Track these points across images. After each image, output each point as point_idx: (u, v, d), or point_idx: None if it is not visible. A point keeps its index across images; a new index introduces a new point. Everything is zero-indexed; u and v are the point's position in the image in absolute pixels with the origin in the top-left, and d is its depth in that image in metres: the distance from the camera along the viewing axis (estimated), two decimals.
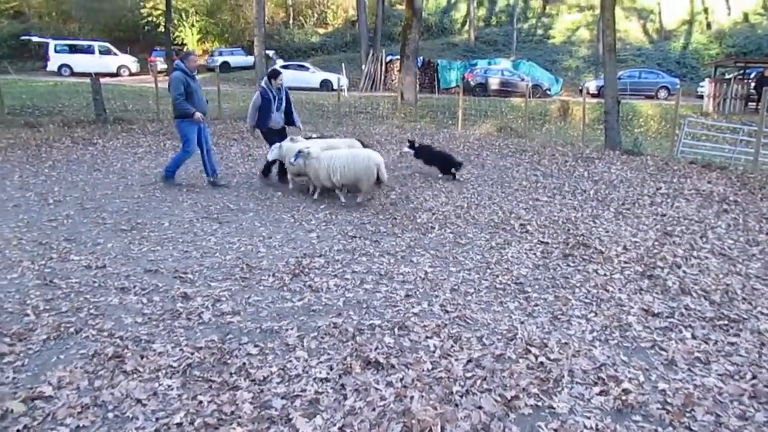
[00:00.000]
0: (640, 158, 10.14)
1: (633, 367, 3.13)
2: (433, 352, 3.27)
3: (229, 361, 3.07)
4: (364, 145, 7.88)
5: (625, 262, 4.89)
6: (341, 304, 3.92)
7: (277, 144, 7.14)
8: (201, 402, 2.68)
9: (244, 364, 3.05)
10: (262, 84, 7.66)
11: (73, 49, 28.13)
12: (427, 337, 3.44)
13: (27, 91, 18.28)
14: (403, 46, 18.08)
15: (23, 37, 30.43)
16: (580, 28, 35.83)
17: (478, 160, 9.95)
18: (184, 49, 31.96)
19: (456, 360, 3.17)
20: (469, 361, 3.17)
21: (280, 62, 26.50)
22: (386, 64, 26.26)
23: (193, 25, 32.50)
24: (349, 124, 14.40)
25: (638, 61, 30.24)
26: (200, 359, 3.08)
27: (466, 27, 36.06)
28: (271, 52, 27.29)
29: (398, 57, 22.97)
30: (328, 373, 2.98)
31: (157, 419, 2.56)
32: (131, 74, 28.60)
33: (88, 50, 28.32)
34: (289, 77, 25.08)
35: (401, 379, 2.95)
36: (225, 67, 28.23)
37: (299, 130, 8.07)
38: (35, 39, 29.66)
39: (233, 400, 2.70)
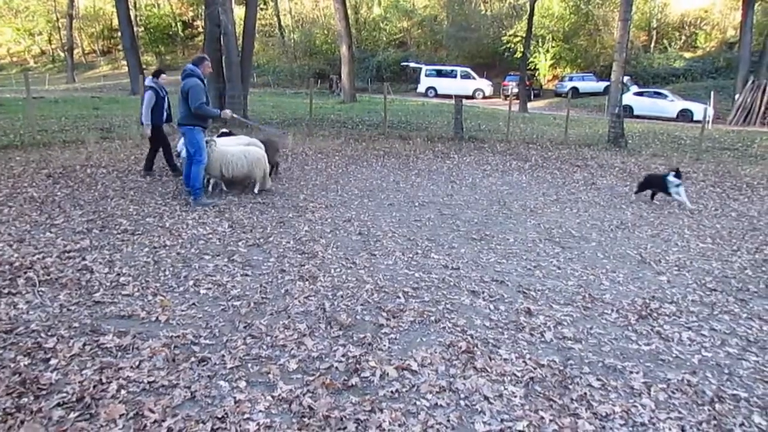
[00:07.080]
0: None
1: None
2: None
3: (570, 387, 3.09)
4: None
5: None
6: (696, 362, 3.51)
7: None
8: (543, 418, 2.77)
9: (585, 394, 3.02)
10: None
11: (439, 74, 32.23)
12: None
13: (402, 109, 21.75)
14: None
15: (403, 63, 36.32)
16: None
17: None
18: (536, 75, 33.17)
19: None
20: None
21: (634, 88, 25.11)
22: None
23: (547, 51, 33.39)
24: (710, 161, 12.70)
25: None
26: (542, 376, 3.18)
27: None
28: (626, 78, 25.98)
29: None
30: None
31: (501, 420, 2.76)
32: (485, 97, 31.12)
33: (451, 74, 32.02)
34: (644, 105, 23.64)
35: None
36: (573, 92, 28.16)
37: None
38: (412, 65, 35.10)
39: (575, 427, 2.71)
